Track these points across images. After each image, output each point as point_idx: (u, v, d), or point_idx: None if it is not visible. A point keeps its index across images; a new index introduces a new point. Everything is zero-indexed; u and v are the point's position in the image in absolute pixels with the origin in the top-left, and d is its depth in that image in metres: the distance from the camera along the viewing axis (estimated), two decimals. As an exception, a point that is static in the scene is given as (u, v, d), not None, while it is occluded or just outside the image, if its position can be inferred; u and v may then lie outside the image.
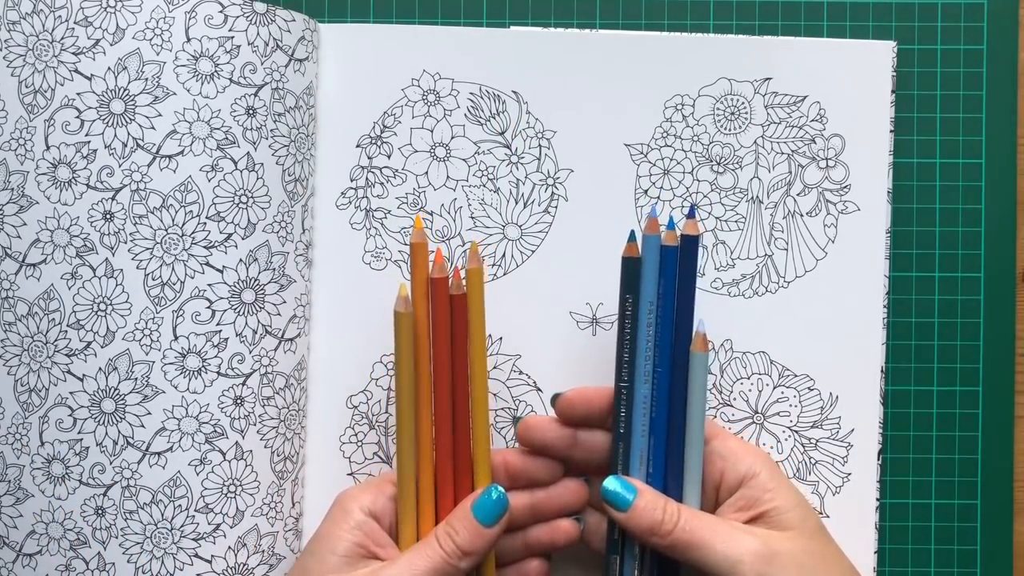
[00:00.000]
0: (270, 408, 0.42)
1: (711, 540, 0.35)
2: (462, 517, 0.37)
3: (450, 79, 0.44)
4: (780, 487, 0.37)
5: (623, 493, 0.37)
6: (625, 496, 0.37)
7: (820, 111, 0.44)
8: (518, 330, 0.44)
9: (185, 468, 0.41)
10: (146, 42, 0.40)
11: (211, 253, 0.41)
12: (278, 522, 0.43)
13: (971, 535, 0.45)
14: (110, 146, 0.40)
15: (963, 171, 0.45)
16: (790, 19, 0.45)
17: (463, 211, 0.44)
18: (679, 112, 0.44)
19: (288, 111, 0.42)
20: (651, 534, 0.36)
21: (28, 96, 0.41)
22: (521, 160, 0.45)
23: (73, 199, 0.40)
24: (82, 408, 0.41)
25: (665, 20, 0.45)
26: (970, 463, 0.45)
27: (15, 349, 0.41)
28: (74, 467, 0.41)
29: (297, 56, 0.43)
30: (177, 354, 0.41)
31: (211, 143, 0.41)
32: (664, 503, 0.36)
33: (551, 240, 0.44)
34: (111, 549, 0.41)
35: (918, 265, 0.45)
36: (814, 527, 0.36)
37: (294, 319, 0.43)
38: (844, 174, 0.45)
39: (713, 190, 0.45)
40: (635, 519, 0.36)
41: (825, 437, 0.44)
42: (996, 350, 0.45)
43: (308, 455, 0.44)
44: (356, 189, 0.45)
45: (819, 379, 0.44)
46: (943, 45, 0.45)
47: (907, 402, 0.45)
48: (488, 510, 0.37)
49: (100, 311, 0.40)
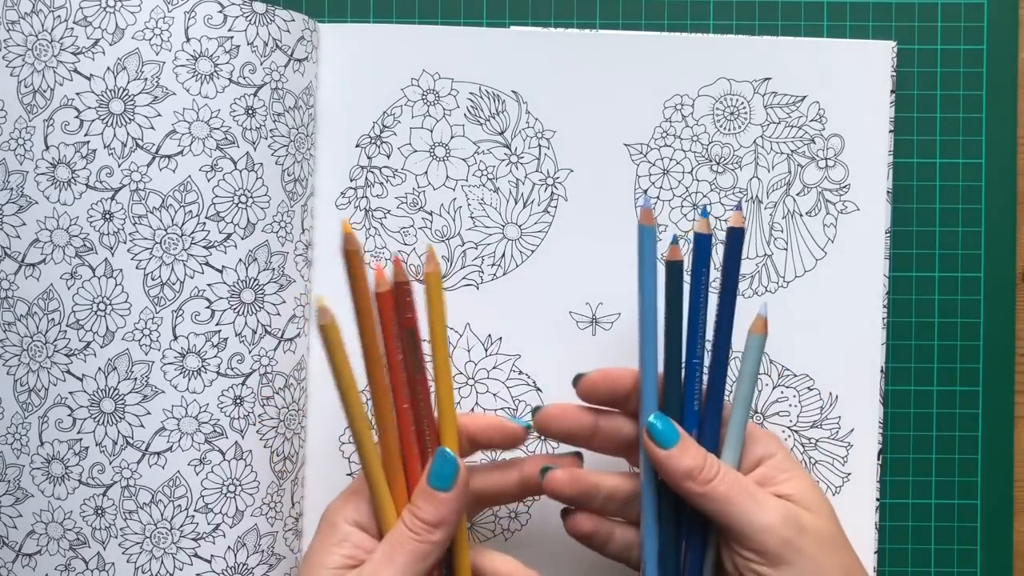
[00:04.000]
0: (270, 408, 0.42)
1: (746, 500, 0.35)
2: (420, 492, 0.36)
3: (450, 79, 0.44)
4: (795, 469, 0.37)
5: (671, 430, 0.36)
6: (672, 433, 0.36)
7: (820, 111, 0.44)
8: (518, 330, 0.44)
9: (185, 468, 0.41)
10: (145, 42, 0.40)
11: (211, 253, 0.41)
12: (278, 522, 0.43)
13: (971, 535, 0.45)
14: (109, 146, 0.40)
15: (963, 171, 0.45)
16: (790, 19, 0.45)
17: (463, 211, 0.44)
18: (679, 112, 0.44)
19: (288, 111, 0.42)
20: (688, 478, 0.36)
21: (27, 96, 0.41)
22: (521, 160, 0.45)
23: (72, 199, 0.40)
24: (82, 408, 0.41)
25: (665, 20, 0.45)
26: (970, 463, 0.45)
27: (15, 349, 0.41)
28: (74, 467, 0.41)
29: (297, 56, 0.43)
30: (177, 354, 0.41)
31: (211, 143, 0.41)
32: (705, 453, 0.36)
33: (551, 240, 0.44)
34: (111, 549, 0.41)
35: (918, 265, 0.45)
36: (830, 511, 0.37)
37: (294, 319, 0.43)
38: (844, 174, 0.45)
39: (713, 190, 0.45)
40: (676, 458, 0.36)
41: (825, 437, 0.44)
42: (996, 350, 0.45)
43: (308, 455, 0.44)
44: (356, 189, 0.45)
45: (819, 379, 0.44)
46: (943, 45, 0.45)
47: (907, 402, 0.45)
48: (440, 475, 0.36)
49: (100, 311, 0.40)
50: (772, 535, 0.34)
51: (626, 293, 0.44)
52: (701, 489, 0.35)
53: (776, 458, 0.37)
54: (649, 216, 0.37)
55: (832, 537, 0.36)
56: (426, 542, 0.36)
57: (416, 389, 0.37)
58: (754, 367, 0.38)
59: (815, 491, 0.37)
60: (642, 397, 0.37)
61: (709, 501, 0.35)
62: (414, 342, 0.37)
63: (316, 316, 0.35)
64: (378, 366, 0.36)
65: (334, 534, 0.37)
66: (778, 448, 0.38)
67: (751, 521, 0.35)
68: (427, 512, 0.36)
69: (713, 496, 0.35)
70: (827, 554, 0.35)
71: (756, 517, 0.35)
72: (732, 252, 0.38)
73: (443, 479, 0.36)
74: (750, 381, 0.38)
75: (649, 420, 0.37)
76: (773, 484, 0.37)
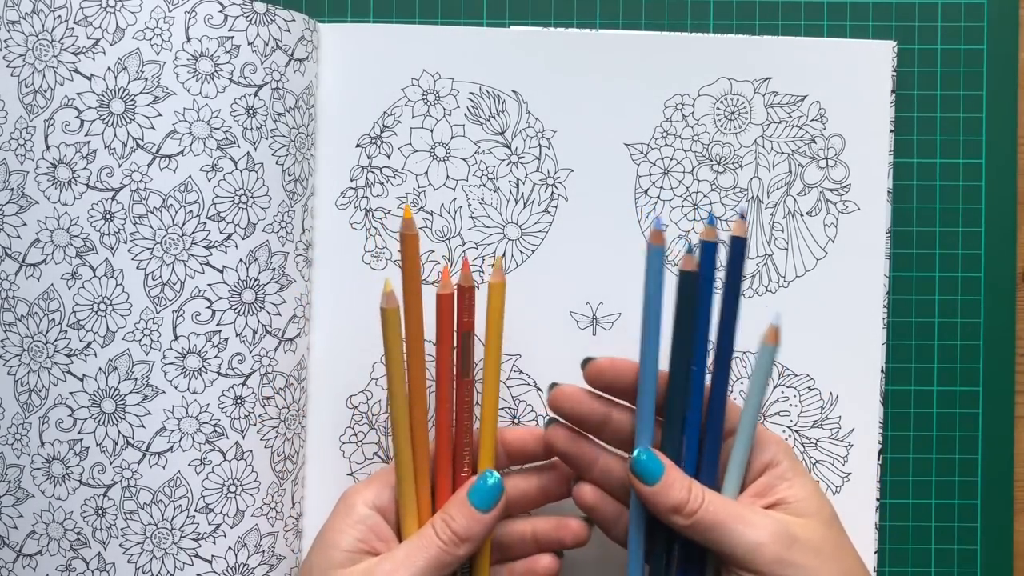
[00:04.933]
0: (270, 408, 0.42)
1: (733, 523, 0.35)
2: (458, 504, 0.37)
3: (450, 79, 0.44)
4: (798, 475, 0.37)
5: (653, 466, 0.36)
6: (655, 469, 0.36)
7: (820, 111, 0.44)
8: (518, 330, 0.44)
9: (185, 468, 0.41)
10: (146, 42, 0.40)
11: (211, 253, 0.41)
12: (278, 522, 0.43)
13: (971, 535, 0.45)
14: (110, 146, 0.40)
15: (963, 171, 0.45)
16: (790, 19, 0.45)
17: (463, 211, 0.44)
18: (679, 112, 0.44)
19: (288, 111, 0.42)
20: (675, 511, 0.36)
21: (28, 96, 0.41)
22: (521, 160, 0.45)
23: (73, 199, 0.40)
24: (82, 408, 0.41)
25: (665, 20, 0.45)
26: (970, 463, 0.45)
27: (15, 349, 0.41)
28: (74, 467, 0.41)
29: (297, 56, 0.43)
30: (177, 354, 0.41)
31: (211, 143, 0.41)
32: (690, 483, 0.36)
33: (551, 240, 0.44)
34: (111, 549, 0.41)
35: (918, 265, 0.45)
36: (829, 515, 0.36)
37: (294, 319, 0.43)
38: (844, 174, 0.45)
39: (713, 190, 0.45)
40: (662, 494, 0.36)
41: (825, 437, 0.45)
42: (996, 350, 0.45)
43: (308, 455, 0.44)
44: (356, 189, 0.45)
45: (819, 379, 0.44)
46: (943, 45, 0.45)
47: (907, 402, 0.45)
48: (484, 495, 0.37)
49: (100, 311, 0.40)
50: (763, 553, 0.34)
51: (626, 293, 0.44)
52: (688, 521, 0.35)
53: (781, 466, 0.37)
54: (660, 237, 0.37)
55: (829, 543, 0.35)
56: (451, 554, 0.36)
57: (462, 392, 0.38)
58: (765, 377, 0.37)
59: (815, 497, 0.36)
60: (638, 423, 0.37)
61: (698, 532, 0.35)
62: (469, 344, 0.37)
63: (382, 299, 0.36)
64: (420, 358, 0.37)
65: (350, 514, 0.37)
66: (784, 454, 0.37)
67: (741, 542, 0.35)
68: (460, 526, 0.36)
69: (701, 525, 0.35)
70: (823, 562, 0.35)
71: (745, 538, 0.35)
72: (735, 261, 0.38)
73: (486, 501, 0.37)
74: (760, 392, 0.37)
75: (632, 456, 0.37)
76: (774, 492, 0.37)
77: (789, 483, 0.37)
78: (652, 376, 0.37)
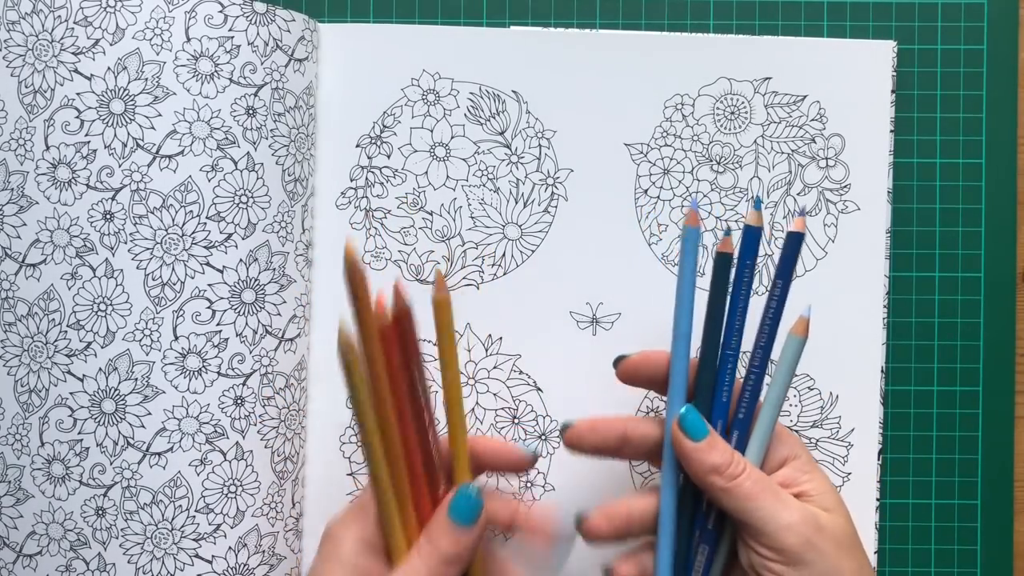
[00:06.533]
0: (270, 408, 0.42)
1: (770, 498, 0.35)
2: (440, 523, 0.36)
3: (450, 79, 0.44)
4: (815, 471, 0.38)
5: (700, 424, 0.37)
6: (701, 426, 0.37)
7: (820, 111, 0.44)
8: (518, 330, 0.44)
9: (185, 468, 0.41)
10: (146, 42, 0.40)
11: (211, 253, 0.41)
12: (278, 522, 0.43)
13: (971, 535, 0.45)
14: (110, 146, 0.40)
15: (963, 171, 0.45)
16: (790, 19, 0.45)
17: (463, 211, 0.44)
18: (679, 112, 0.44)
19: (288, 111, 0.42)
20: (714, 472, 0.36)
21: (28, 96, 0.41)
22: (521, 160, 0.45)
23: (73, 199, 0.40)
24: (82, 408, 0.41)
25: (665, 20, 0.45)
26: (970, 463, 0.45)
27: (15, 349, 0.41)
28: (74, 468, 0.41)
29: (297, 56, 0.43)
30: (177, 354, 0.41)
31: (211, 143, 0.41)
32: (732, 451, 0.37)
33: (551, 240, 0.45)
34: (111, 550, 0.41)
35: (918, 265, 0.45)
36: (846, 513, 0.37)
37: (294, 319, 0.43)
38: (844, 174, 0.45)
39: (713, 190, 0.45)
40: (704, 451, 0.36)
41: (825, 437, 0.45)
42: (996, 350, 0.45)
43: (308, 455, 0.44)
44: (356, 189, 0.45)
45: (819, 379, 0.44)
46: (943, 45, 0.45)
47: (907, 402, 0.45)
48: (463, 511, 0.36)
49: (100, 311, 0.40)
50: (793, 533, 0.35)
51: (626, 293, 0.44)
52: (726, 484, 0.36)
53: (800, 460, 0.38)
54: (695, 218, 0.37)
55: (849, 538, 0.36)
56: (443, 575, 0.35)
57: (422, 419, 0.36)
58: (791, 368, 0.37)
59: (833, 493, 0.37)
60: (670, 391, 0.38)
61: (733, 498, 0.36)
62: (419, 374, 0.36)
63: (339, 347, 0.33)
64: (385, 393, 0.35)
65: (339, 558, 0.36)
66: (802, 450, 0.38)
67: (773, 519, 0.35)
68: (446, 545, 0.35)
69: (737, 493, 0.36)
70: (843, 555, 0.35)
71: (779, 515, 0.35)
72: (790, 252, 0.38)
73: (466, 515, 0.35)
74: (784, 382, 0.37)
75: (681, 412, 0.37)
76: (795, 485, 0.37)
77: (810, 476, 0.37)
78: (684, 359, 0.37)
